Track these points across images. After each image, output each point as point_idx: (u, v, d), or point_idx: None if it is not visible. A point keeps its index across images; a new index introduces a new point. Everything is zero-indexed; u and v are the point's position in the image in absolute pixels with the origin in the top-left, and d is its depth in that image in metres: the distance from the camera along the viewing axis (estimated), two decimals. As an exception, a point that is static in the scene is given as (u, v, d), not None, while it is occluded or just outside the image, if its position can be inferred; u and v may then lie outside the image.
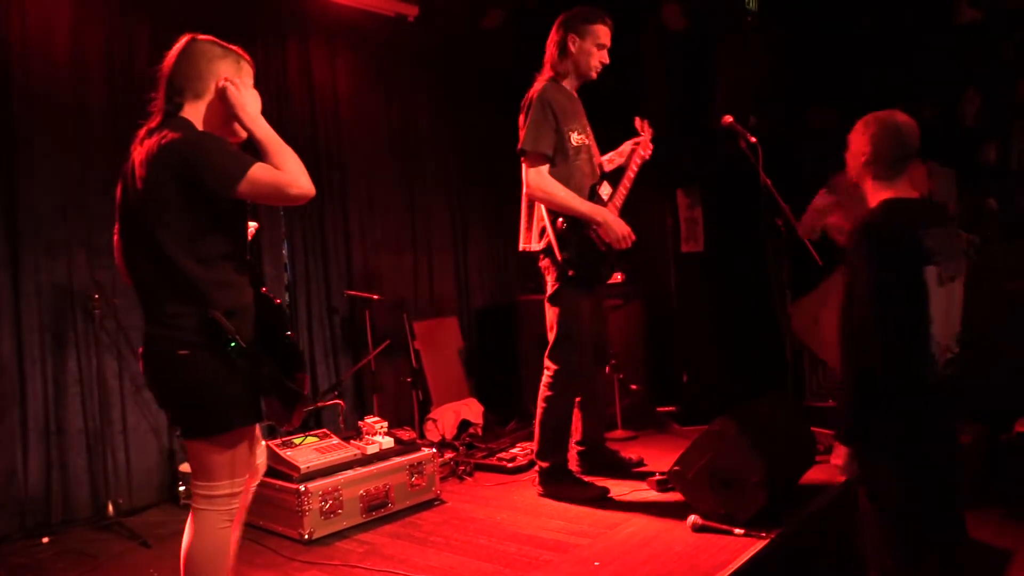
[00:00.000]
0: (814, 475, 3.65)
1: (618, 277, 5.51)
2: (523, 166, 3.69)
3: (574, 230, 3.66)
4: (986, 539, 3.44)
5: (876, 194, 2.55)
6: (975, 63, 4.93)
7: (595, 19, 3.76)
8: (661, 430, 4.97)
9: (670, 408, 5.36)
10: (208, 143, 2.20)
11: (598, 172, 3.92)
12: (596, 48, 3.79)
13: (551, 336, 3.83)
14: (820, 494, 3.51)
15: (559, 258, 3.64)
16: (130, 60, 4.31)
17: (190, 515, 2.37)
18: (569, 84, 3.86)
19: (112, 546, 3.68)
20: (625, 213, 3.90)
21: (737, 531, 3.12)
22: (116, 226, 2.40)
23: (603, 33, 3.79)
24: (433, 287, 5.85)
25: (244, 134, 2.33)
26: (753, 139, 3.94)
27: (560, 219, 3.66)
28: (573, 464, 4.11)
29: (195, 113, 2.31)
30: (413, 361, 5.11)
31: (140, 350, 2.30)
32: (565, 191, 3.65)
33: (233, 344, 2.17)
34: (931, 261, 2.37)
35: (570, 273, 3.67)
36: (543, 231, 3.76)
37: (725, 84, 5.31)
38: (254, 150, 2.25)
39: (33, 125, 3.97)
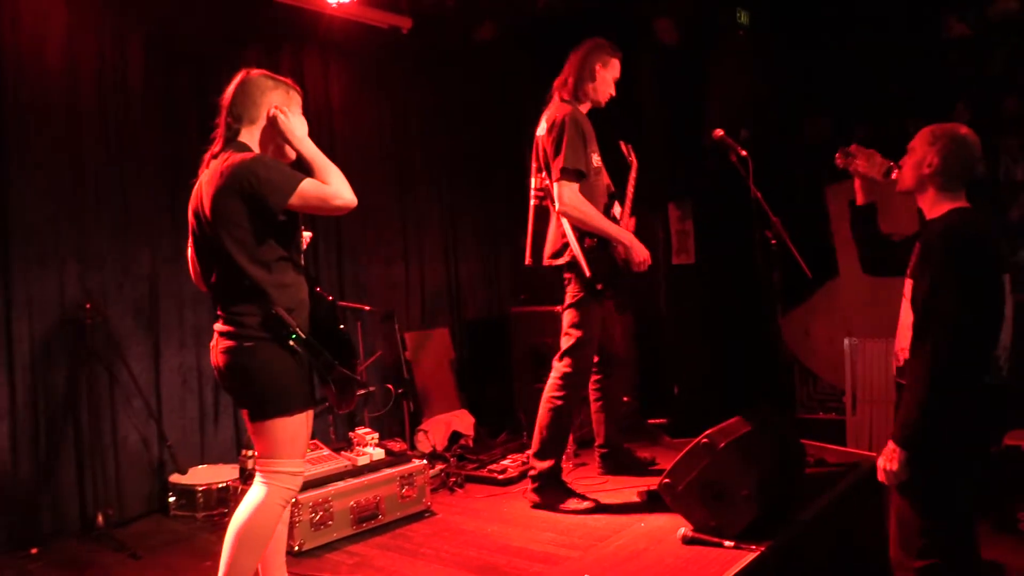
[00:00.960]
0: (804, 489, 3.65)
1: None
2: (555, 184, 3.79)
3: (601, 248, 3.86)
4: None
5: (939, 205, 2.59)
6: (964, 77, 4.97)
7: (616, 53, 3.99)
8: (652, 442, 4.97)
9: (661, 420, 5.37)
10: (264, 163, 2.54)
11: (607, 192, 4.08)
12: (612, 79, 4.00)
13: (566, 340, 3.95)
14: (810, 507, 3.51)
15: (587, 274, 3.79)
16: (123, 68, 4.32)
17: (251, 489, 2.64)
18: (584, 108, 3.99)
19: (101, 557, 3.67)
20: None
21: (727, 544, 3.12)
22: (189, 240, 2.74)
23: (618, 67, 4.02)
24: (425, 298, 5.86)
25: (294, 154, 2.68)
26: (744, 152, 3.97)
27: (587, 238, 3.83)
28: (595, 467, 4.35)
29: (251, 137, 2.67)
30: (404, 372, 5.11)
31: (211, 344, 2.66)
32: (596, 211, 3.83)
33: (294, 336, 2.52)
34: (1006, 269, 2.48)
35: (599, 287, 3.84)
36: (565, 246, 3.87)
37: (717, 98, 5.35)
38: (303, 168, 2.60)
39: (24, 134, 3.97)
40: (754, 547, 3.07)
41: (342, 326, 2.79)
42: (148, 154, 4.38)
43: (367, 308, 5.01)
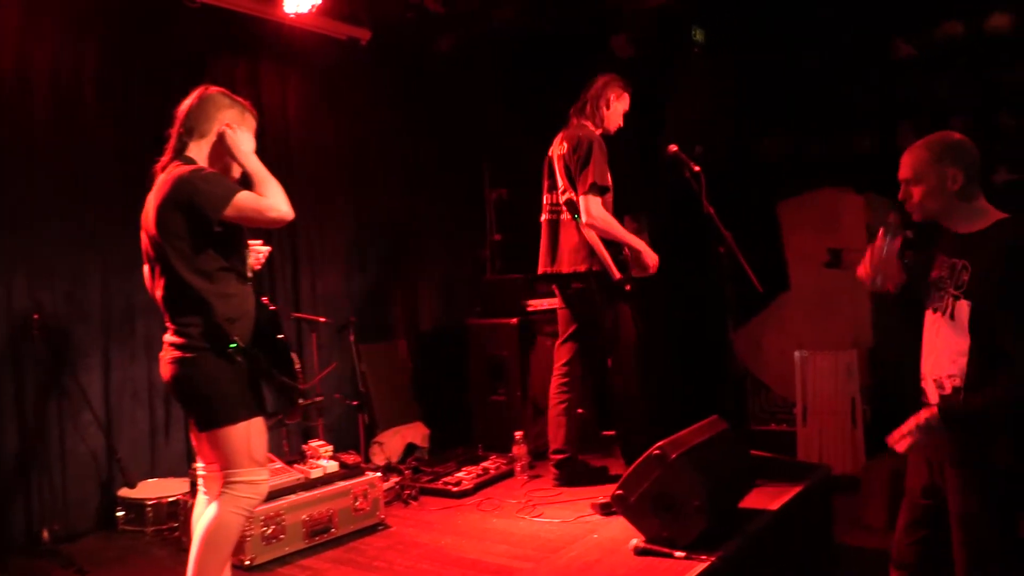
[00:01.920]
0: (754, 499, 3.70)
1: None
2: (582, 198, 4.11)
3: (618, 255, 4.25)
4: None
5: (978, 216, 2.49)
6: (911, 97, 5.10)
7: (628, 88, 4.39)
8: (605, 453, 5.00)
9: (614, 431, 5.39)
10: (203, 176, 2.62)
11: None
12: (622, 111, 4.41)
13: (581, 343, 4.34)
14: (760, 518, 3.56)
15: (617, 276, 4.15)
16: (77, 77, 4.26)
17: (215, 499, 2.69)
18: (598, 132, 4.33)
19: (47, 574, 3.59)
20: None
21: (678, 554, 3.15)
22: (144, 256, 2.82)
23: (628, 100, 4.42)
24: (381, 309, 5.84)
25: (239, 172, 2.77)
26: (697, 168, 4.05)
27: (625, 248, 4.25)
28: (549, 478, 4.44)
29: (199, 151, 2.74)
30: (360, 384, 5.09)
31: (160, 355, 2.71)
32: (616, 221, 4.23)
33: (233, 345, 2.58)
34: None
35: (627, 288, 4.21)
36: (591, 252, 4.16)
37: (673, 114, 5.43)
38: (248, 185, 2.68)
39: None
40: (704, 557, 3.10)
41: (281, 335, 2.85)
42: (101, 165, 4.32)
43: (322, 320, 4.99)
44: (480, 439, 5.18)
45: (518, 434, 4.63)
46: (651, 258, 4.27)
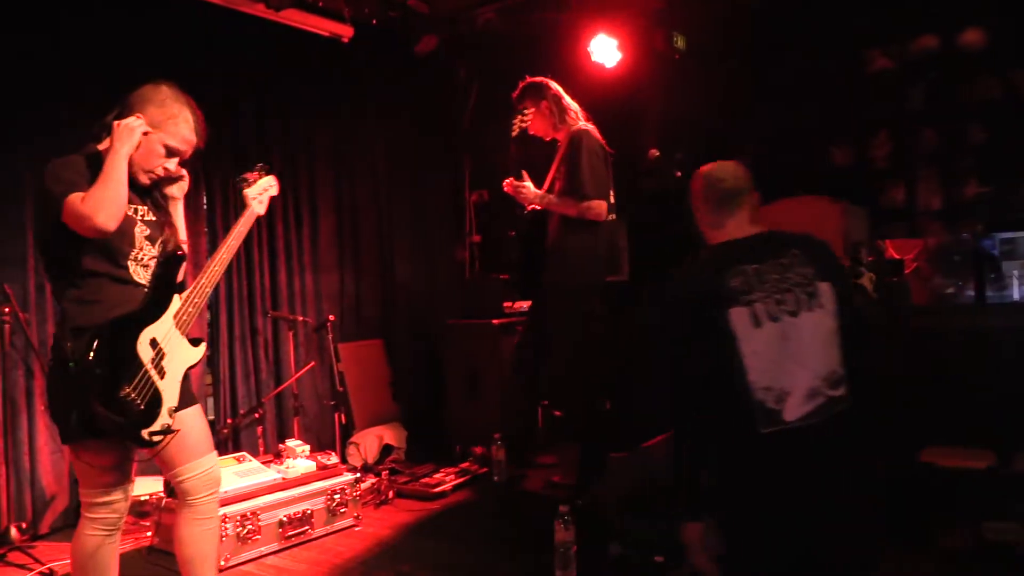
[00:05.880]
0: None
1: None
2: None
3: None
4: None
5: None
6: (886, 109, 5.17)
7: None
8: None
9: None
10: (51, 169, 2.37)
11: None
12: None
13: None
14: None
15: None
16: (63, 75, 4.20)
17: None
18: None
19: (13, 573, 3.52)
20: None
21: (657, 558, 3.16)
22: None
23: None
24: (360, 309, 5.81)
25: (160, 170, 2.52)
26: (678, 173, 4.06)
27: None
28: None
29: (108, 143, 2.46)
30: (337, 384, 5.05)
31: None
32: None
33: (72, 364, 2.27)
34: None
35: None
36: None
37: (653, 120, 5.45)
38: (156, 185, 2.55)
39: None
40: (682, 561, 3.11)
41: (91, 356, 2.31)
42: (75, 153, 4.23)
43: (300, 318, 4.96)
44: (458, 440, 5.17)
45: (496, 436, 4.63)
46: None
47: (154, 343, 2.41)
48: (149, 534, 3.76)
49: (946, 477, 3.62)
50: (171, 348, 2.46)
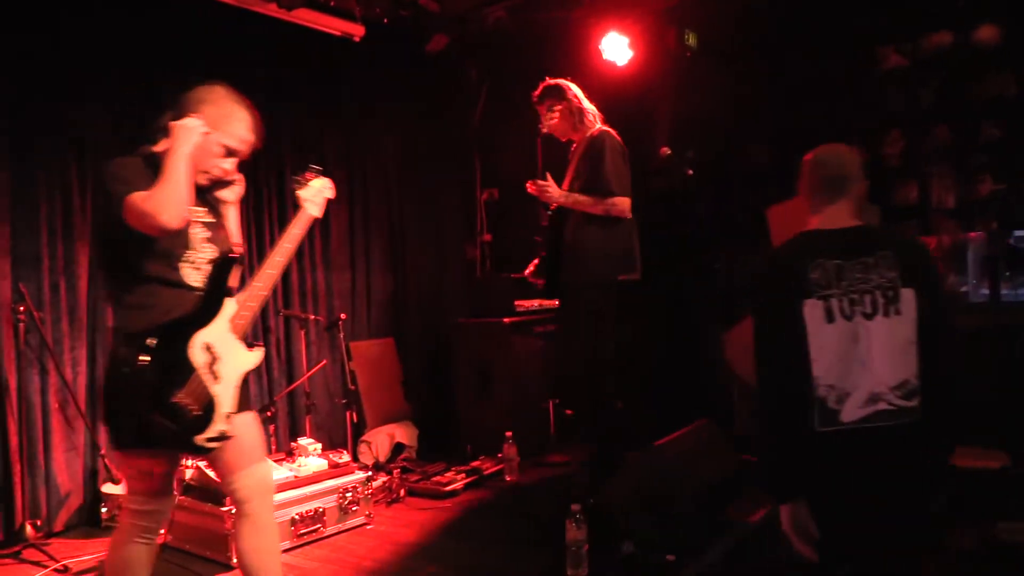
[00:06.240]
0: (742, 504, 3.72)
1: (556, 302, 5.56)
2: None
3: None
4: None
5: None
6: (899, 106, 5.14)
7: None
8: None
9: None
10: (110, 170, 2.35)
11: None
12: None
13: None
14: (747, 522, 3.58)
15: None
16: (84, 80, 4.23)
17: None
18: None
19: (29, 570, 3.55)
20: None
21: (668, 557, 3.16)
22: None
23: None
24: (371, 307, 5.82)
25: (217, 171, 2.51)
26: (690, 172, 4.04)
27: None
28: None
29: (169, 143, 2.42)
30: (349, 382, 5.07)
31: None
32: None
33: (126, 370, 2.25)
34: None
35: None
36: None
37: (664, 118, 5.44)
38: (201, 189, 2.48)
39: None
40: (694, 560, 3.12)
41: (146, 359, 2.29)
42: (88, 153, 4.25)
43: (312, 317, 4.97)
44: (469, 439, 5.17)
45: (508, 434, 4.64)
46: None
47: (208, 347, 2.38)
48: (163, 531, 3.78)
49: (959, 477, 3.60)
50: (226, 352, 2.42)
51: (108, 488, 4.09)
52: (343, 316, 5.13)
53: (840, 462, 2.10)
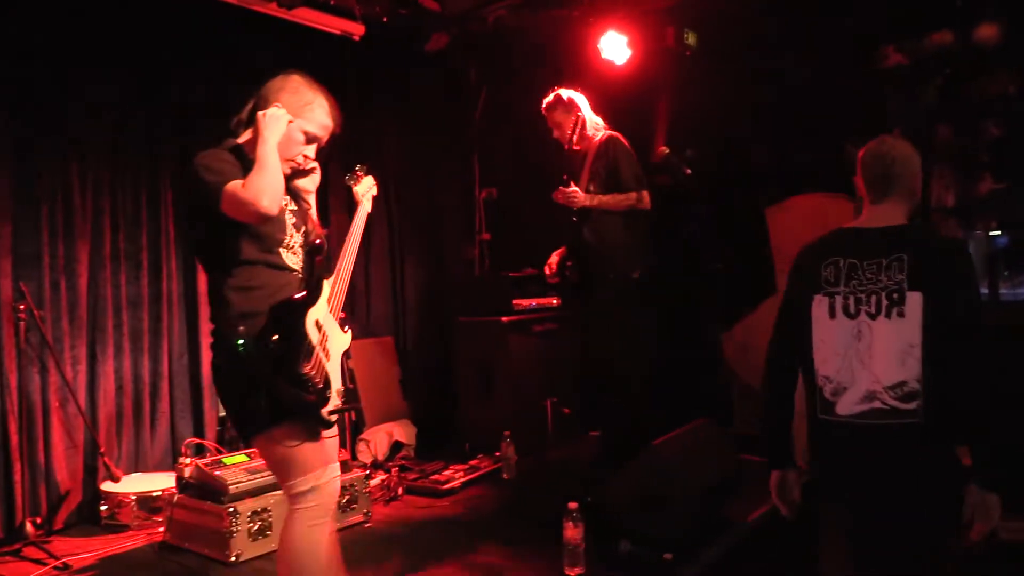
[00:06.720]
0: (740, 503, 3.73)
1: (554, 301, 5.58)
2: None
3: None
4: None
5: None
6: (900, 105, 5.14)
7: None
8: (592, 454, 5.01)
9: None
10: (201, 162, 2.35)
11: None
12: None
13: None
14: (744, 521, 3.59)
15: None
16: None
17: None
18: None
19: (28, 568, 3.55)
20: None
21: (666, 555, 3.17)
22: None
23: None
24: (370, 306, 5.82)
25: (300, 156, 2.56)
26: (688, 171, 4.05)
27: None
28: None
29: (251, 134, 2.50)
30: (347, 381, 5.06)
31: None
32: None
33: (241, 348, 2.30)
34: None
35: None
36: None
37: (664, 117, 5.44)
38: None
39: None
40: (692, 559, 3.12)
41: (276, 336, 2.36)
42: (90, 153, 4.28)
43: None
44: (468, 437, 5.18)
45: (506, 433, 4.64)
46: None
47: (319, 325, 2.44)
48: (161, 530, 3.79)
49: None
50: (330, 331, 2.51)
51: (108, 486, 4.10)
52: (342, 314, 5.12)
53: (837, 451, 2.19)
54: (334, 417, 2.40)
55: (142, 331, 4.48)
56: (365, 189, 3.02)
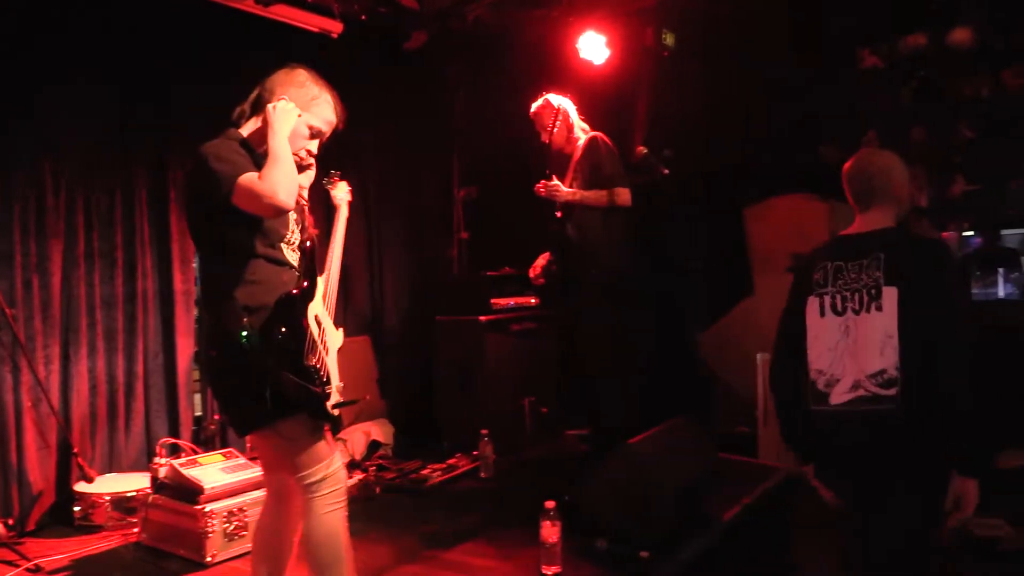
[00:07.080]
0: (717, 500, 3.75)
1: (532, 301, 5.58)
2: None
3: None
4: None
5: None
6: (875, 107, 5.19)
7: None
8: (571, 453, 5.03)
9: (583, 431, 5.43)
10: (210, 151, 2.31)
11: None
12: None
13: None
14: (721, 519, 3.61)
15: None
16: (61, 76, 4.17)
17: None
18: None
19: (0, 569, 3.50)
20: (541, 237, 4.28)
21: (642, 553, 3.18)
22: None
23: None
24: (348, 305, 5.79)
25: (304, 151, 2.58)
26: (665, 171, 4.08)
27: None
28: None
29: (254, 125, 2.49)
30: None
31: None
32: None
33: (245, 340, 2.27)
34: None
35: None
36: None
37: (641, 117, 5.46)
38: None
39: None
40: (668, 557, 3.13)
41: (284, 328, 2.34)
42: (65, 148, 4.23)
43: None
44: (446, 437, 5.17)
45: (484, 432, 4.64)
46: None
47: (318, 320, 2.46)
48: (136, 531, 3.76)
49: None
50: (327, 327, 2.56)
51: (81, 487, 4.06)
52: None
53: (825, 438, 2.40)
54: (336, 411, 2.43)
55: (116, 330, 4.43)
56: (342, 194, 3.09)
